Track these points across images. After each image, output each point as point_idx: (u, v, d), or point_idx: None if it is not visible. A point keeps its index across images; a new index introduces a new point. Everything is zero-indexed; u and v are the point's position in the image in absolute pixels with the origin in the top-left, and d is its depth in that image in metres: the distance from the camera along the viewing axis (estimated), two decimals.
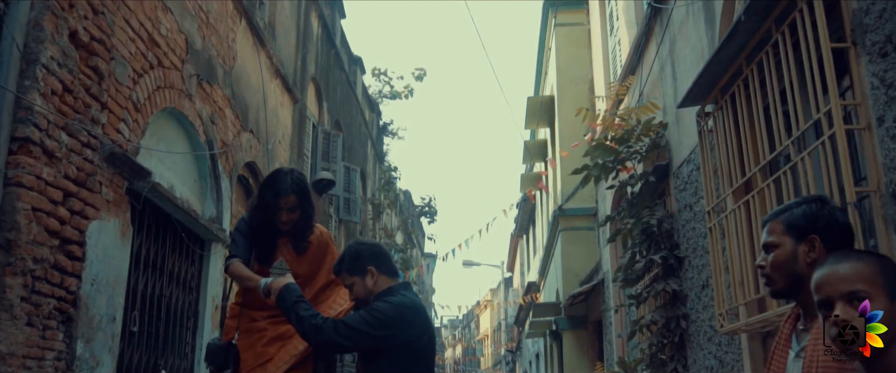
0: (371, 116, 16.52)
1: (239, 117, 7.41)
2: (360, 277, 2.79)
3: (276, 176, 3.18)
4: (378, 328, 2.60)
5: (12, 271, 3.70)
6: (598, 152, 6.24)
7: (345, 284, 2.88)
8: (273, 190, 3.09)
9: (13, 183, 3.79)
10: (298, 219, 3.12)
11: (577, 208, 11.42)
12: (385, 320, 2.61)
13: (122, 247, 4.91)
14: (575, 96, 11.81)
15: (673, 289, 5.59)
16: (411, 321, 2.67)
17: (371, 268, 2.79)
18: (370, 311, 2.65)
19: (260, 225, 3.15)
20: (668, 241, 5.82)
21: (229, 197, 7.03)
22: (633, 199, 6.21)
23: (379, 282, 2.79)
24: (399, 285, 2.82)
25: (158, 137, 5.71)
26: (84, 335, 4.36)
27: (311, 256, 3.22)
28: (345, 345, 2.64)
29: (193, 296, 6.41)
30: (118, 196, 4.87)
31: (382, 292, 2.76)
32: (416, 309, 2.71)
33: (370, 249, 2.89)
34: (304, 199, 3.12)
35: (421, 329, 2.69)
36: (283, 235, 3.17)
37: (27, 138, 3.88)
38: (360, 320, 2.62)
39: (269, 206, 3.09)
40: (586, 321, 11.52)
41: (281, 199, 3.06)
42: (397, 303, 2.67)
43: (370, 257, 2.82)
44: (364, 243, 2.98)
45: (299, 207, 3.10)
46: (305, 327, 2.63)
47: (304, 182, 3.18)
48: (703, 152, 4.74)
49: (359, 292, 2.80)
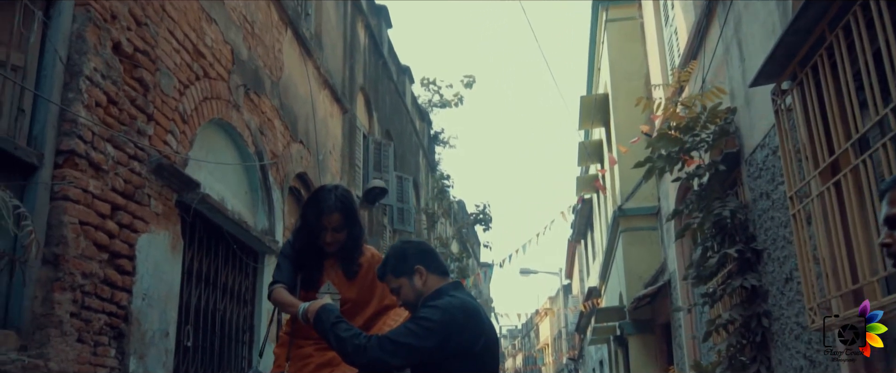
0: (422, 126, 16.39)
1: (288, 128, 7.32)
2: (408, 278, 2.55)
3: (319, 194, 2.95)
4: (427, 339, 2.33)
5: (61, 287, 3.61)
6: (661, 143, 5.89)
7: (391, 288, 2.63)
8: (316, 209, 2.86)
9: (59, 197, 3.71)
10: (345, 239, 2.88)
11: (638, 208, 10.98)
12: (434, 327, 2.33)
13: (173, 260, 4.81)
14: (630, 93, 11.39)
15: (752, 284, 5.18)
16: (463, 325, 2.38)
17: (419, 267, 2.55)
18: (416, 320, 2.38)
19: (304, 247, 2.91)
20: (743, 233, 5.42)
21: (281, 208, 6.93)
22: (701, 191, 5.83)
23: (428, 282, 2.55)
24: (448, 286, 2.57)
25: (207, 149, 5.63)
26: (137, 351, 4.25)
27: (362, 280, 2.96)
28: (393, 363, 2.35)
29: (248, 309, 6.30)
30: (167, 208, 4.77)
31: (431, 295, 2.51)
32: (467, 310, 2.43)
33: (416, 247, 2.66)
34: (350, 217, 2.88)
35: (475, 333, 2.41)
36: (330, 258, 2.93)
37: (72, 151, 3.80)
38: (407, 333, 2.36)
39: (313, 226, 2.86)
40: (653, 325, 11.05)
41: (324, 218, 2.82)
42: (446, 306, 2.40)
43: (417, 255, 2.59)
44: (409, 242, 2.75)
45: (345, 227, 2.86)
46: (347, 348, 2.38)
47: (349, 199, 2.93)
48: (781, 133, 4.36)
49: (408, 295, 2.56)
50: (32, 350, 3.41)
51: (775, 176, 4.83)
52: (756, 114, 5.17)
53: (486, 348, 2.41)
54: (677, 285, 8.73)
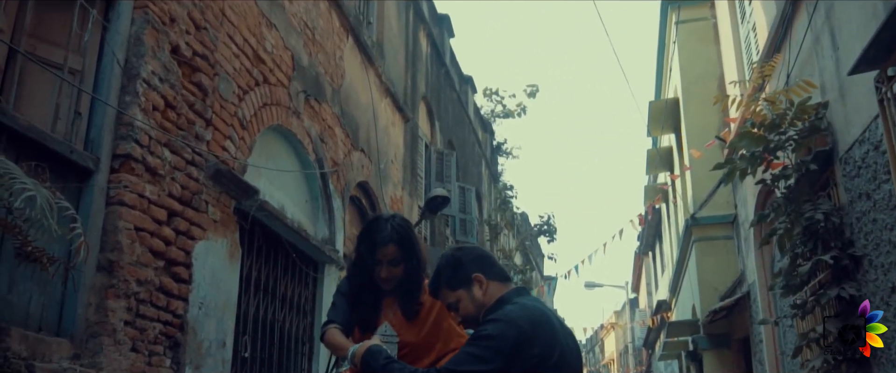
0: (484, 136, 16.16)
1: (349, 136, 7.19)
2: (466, 289, 2.26)
3: (373, 224, 2.64)
4: (492, 360, 2.00)
5: (115, 294, 3.50)
6: (743, 143, 5.47)
7: (448, 304, 2.33)
8: (369, 240, 2.56)
9: (115, 201, 3.62)
10: (402, 275, 2.58)
11: (712, 216, 10.42)
12: (498, 346, 2.02)
13: (231, 269, 4.69)
14: (702, 96, 10.87)
15: (850, 294, 4.71)
16: (532, 337, 2.05)
17: (477, 275, 2.25)
18: (476, 341, 2.06)
19: (359, 284, 2.62)
20: (839, 238, 4.95)
21: (342, 218, 6.78)
22: (788, 194, 5.38)
23: (490, 290, 2.25)
24: (511, 293, 2.26)
25: (266, 156, 5.52)
26: (193, 361, 4.12)
27: (423, 321, 2.63)
28: None
29: (307, 320, 6.15)
30: (225, 216, 4.66)
31: (493, 306, 2.21)
32: (535, 318, 2.10)
33: (471, 253, 2.35)
34: (407, 249, 2.55)
35: (548, 344, 2.08)
36: (389, 297, 2.63)
37: (128, 155, 3.71)
38: (468, 358, 2.04)
39: (367, 260, 2.56)
40: (730, 339, 10.43)
41: (378, 250, 2.52)
42: (509, 318, 2.07)
43: (474, 263, 2.29)
44: (462, 248, 2.44)
45: (401, 261, 2.54)
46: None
47: (407, 230, 2.61)
48: (887, 125, 3.93)
49: (468, 309, 2.27)
50: (85, 359, 3.30)
51: (878, 174, 4.38)
52: (853, 106, 4.72)
53: (562, 359, 2.08)
54: (758, 297, 8.19)
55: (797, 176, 5.31)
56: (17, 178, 2.46)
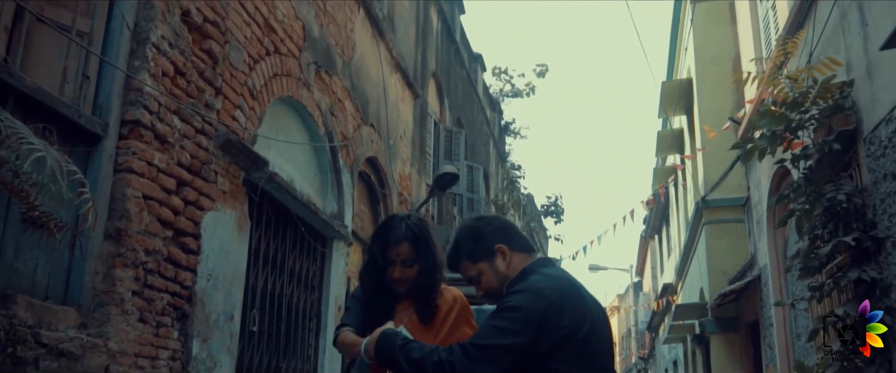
0: (492, 116, 16.01)
1: (359, 110, 7.08)
2: (488, 261, 2.12)
3: (387, 223, 2.51)
4: (520, 333, 1.86)
5: (123, 263, 3.42)
6: (764, 121, 5.34)
7: (468, 277, 2.19)
8: (382, 239, 2.43)
9: (123, 168, 3.52)
10: (417, 276, 2.43)
11: (723, 199, 10.30)
12: (526, 318, 1.87)
13: (240, 241, 4.60)
14: (716, 77, 10.73)
15: (872, 277, 4.61)
16: (561, 307, 1.90)
17: (500, 246, 2.12)
18: (502, 314, 1.92)
19: (373, 287, 2.48)
20: (861, 220, 4.84)
21: (351, 193, 6.69)
22: (809, 174, 5.26)
23: (513, 262, 2.11)
24: (536, 263, 2.11)
25: (276, 128, 5.42)
26: (200, 334, 4.05)
27: (440, 325, 2.48)
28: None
29: (315, 296, 6.08)
30: (234, 187, 4.56)
31: (517, 277, 2.07)
32: (563, 289, 1.97)
33: (493, 223, 2.20)
34: (422, 249, 2.41)
35: (578, 314, 1.94)
36: (404, 300, 2.49)
37: (137, 121, 3.61)
38: (494, 331, 1.90)
39: (380, 259, 2.43)
40: (738, 323, 10.36)
41: (392, 249, 2.39)
42: (536, 288, 1.93)
43: (496, 233, 2.14)
44: (482, 218, 2.28)
45: (415, 261, 2.41)
46: (428, 369, 1.92)
47: (422, 229, 2.47)
48: None
49: (491, 283, 2.13)
50: (92, 328, 3.23)
51: None
52: (880, 85, 4.59)
53: (592, 331, 1.95)
54: (769, 280, 8.09)
55: (819, 156, 5.20)
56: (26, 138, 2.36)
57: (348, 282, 6.57)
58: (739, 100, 10.22)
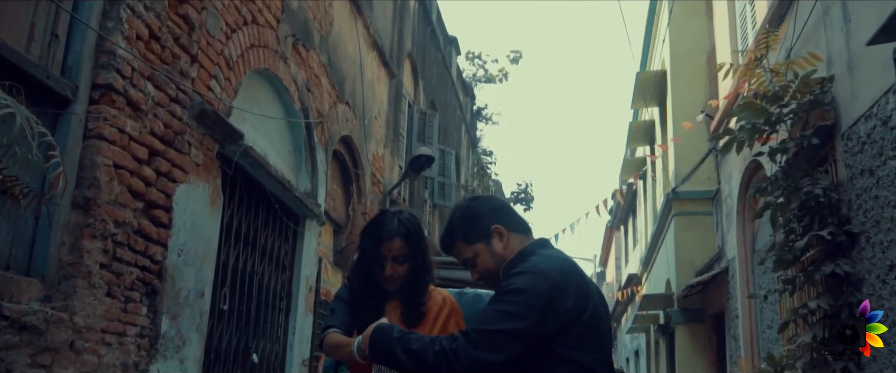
0: (465, 100, 15.92)
1: (335, 87, 6.93)
2: (485, 243, 2.03)
3: (379, 218, 2.40)
4: (526, 316, 1.78)
5: (91, 234, 3.25)
6: (744, 114, 5.35)
7: (463, 259, 2.10)
8: (374, 234, 2.33)
9: (93, 135, 3.35)
10: (408, 274, 2.35)
11: (693, 191, 10.40)
12: (530, 301, 1.79)
13: (212, 216, 4.45)
14: (690, 70, 10.81)
15: (845, 271, 4.66)
16: (565, 288, 1.83)
17: (497, 227, 2.04)
18: (505, 297, 1.84)
19: (361, 285, 2.39)
20: (835, 215, 4.88)
21: (325, 172, 6.55)
22: (786, 167, 5.29)
23: (510, 243, 2.03)
24: (534, 244, 2.04)
25: (251, 101, 5.25)
26: (170, 311, 3.90)
27: (430, 326, 2.38)
28: (494, 361, 1.78)
29: (286, 275, 5.95)
30: (208, 159, 4.40)
31: (514, 260, 1.98)
32: (565, 270, 1.90)
33: (489, 203, 2.11)
34: (414, 246, 2.33)
35: (581, 296, 1.87)
36: (393, 300, 2.40)
37: (109, 86, 3.43)
38: (498, 316, 1.81)
39: (371, 255, 2.33)
40: (703, 314, 10.49)
41: (383, 245, 2.29)
42: (539, 269, 1.85)
43: (492, 214, 2.06)
44: (477, 198, 2.17)
45: (408, 258, 2.32)
46: (428, 360, 1.81)
47: (415, 225, 2.38)
48: None
49: (487, 265, 2.04)
50: (57, 301, 3.06)
51: (884, 149, 4.29)
52: (861, 81, 4.62)
53: (595, 314, 1.89)
54: (736, 273, 8.19)
55: (796, 150, 5.22)
56: None
57: (320, 262, 6.44)
58: (712, 93, 10.30)
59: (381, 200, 8.52)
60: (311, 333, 6.22)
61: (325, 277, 6.50)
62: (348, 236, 7.71)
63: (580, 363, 1.85)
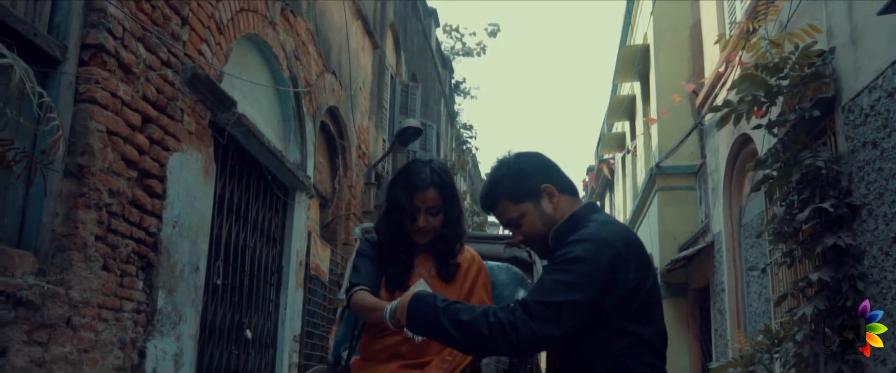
0: (444, 74, 15.71)
1: (322, 56, 6.71)
2: (533, 202, 1.88)
3: (410, 167, 2.29)
4: (587, 286, 1.66)
5: (85, 204, 3.06)
6: (744, 86, 5.29)
7: (506, 219, 1.94)
8: (406, 184, 2.22)
9: (85, 98, 3.14)
10: (441, 226, 2.25)
11: (677, 166, 10.42)
12: (591, 270, 1.67)
13: (206, 186, 4.26)
14: (674, 44, 10.78)
15: (847, 243, 4.65)
16: (627, 258, 1.71)
17: (547, 186, 1.88)
18: (564, 265, 1.70)
19: (390, 238, 2.29)
20: (835, 187, 4.87)
21: (313, 143, 6.36)
22: (785, 140, 5.25)
23: (561, 205, 1.88)
24: (586, 209, 1.90)
25: (240, 68, 5.03)
26: (166, 285, 3.73)
27: (462, 282, 2.30)
28: (554, 334, 1.65)
29: (277, 250, 5.78)
30: (200, 128, 4.21)
31: (567, 224, 1.84)
32: (626, 238, 1.78)
33: (537, 160, 1.95)
34: (449, 196, 2.24)
35: (643, 266, 1.76)
36: (422, 254, 2.30)
37: (100, 46, 3.21)
38: (557, 286, 1.67)
39: (404, 207, 2.22)
40: (687, 289, 10.58)
41: (417, 195, 2.20)
42: (599, 237, 1.72)
43: (542, 171, 1.91)
44: (524, 155, 1.99)
45: (442, 209, 2.23)
46: (482, 333, 1.67)
47: (448, 175, 2.29)
48: None
49: (534, 226, 1.89)
50: (51, 275, 2.88)
51: (889, 121, 4.26)
52: (865, 53, 4.57)
53: (655, 284, 1.79)
54: (722, 247, 8.23)
55: (795, 123, 5.19)
56: None
57: (309, 236, 6.28)
58: (697, 67, 10.28)
59: (367, 174, 8.35)
60: (303, 308, 6.08)
61: (314, 252, 6.34)
62: (334, 210, 7.55)
63: (639, 336, 1.75)
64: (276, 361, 5.67)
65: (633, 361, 1.74)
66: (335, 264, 7.12)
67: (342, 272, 7.37)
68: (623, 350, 1.74)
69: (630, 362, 1.74)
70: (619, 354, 1.74)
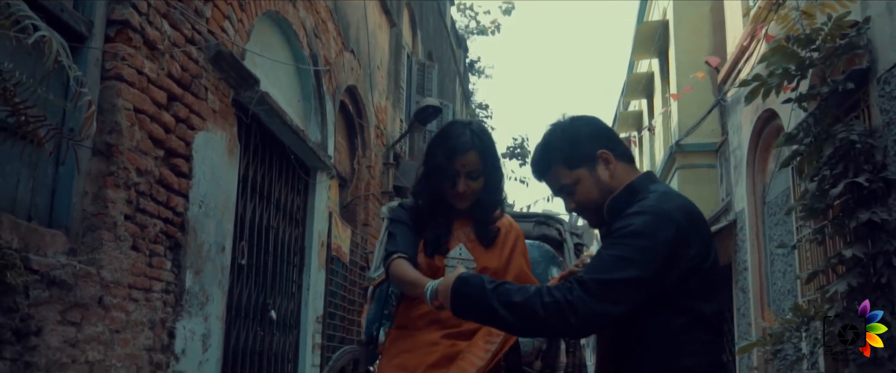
0: (458, 53, 15.58)
1: (341, 34, 6.63)
2: (588, 168, 1.76)
3: (450, 129, 2.21)
4: (646, 263, 1.56)
5: (114, 183, 3.02)
6: (775, 58, 5.16)
7: (559, 186, 1.82)
8: (446, 147, 2.14)
9: (112, 75, 3.09)
10: (481, 190, 2.17)
11: (697, 144, 10.27)
12: (652, 245, 1.57)
13: (230, 166, 4.21)
14: (695, 19, 10.58)
15: (882, 218, 4.54)
16: (689, 233, 1.61)
17: (604, 152, 1.76)
18: (623, 240, 1.61)
19: (428, 202, 2.22)
20: (869, 161, 4.75)
21: (333, 122, 6.30)
22: (817, 114, 5.13)
23: (617, 173, 1.76)
24: (643, 179, 1.78)
25: (261, 45, 4.96)
26: (193, 265, 3.69)
27: (501, 248, 2.23)
28: (614, 313, 1.56)
29: (299, 230, 5.74)
30: (224, 106, 4.15)
31: (625, 194, 1.73)
32: (689, 212, 1.67)
33: (593, 125, 1.84)
34: (490, 160, 2.17)
35: (705, 242, 1.66)
36: (461, 218, 2.22)
37: (126, 22, 3.15)
38: (616, 262, 1.58)
39: (444, 170, 2.13)
40: None
41: (458, 158, 2.11)
42: (661, 210, 1.62)
43: (598, 136, 1.79)
44: (580, 118, 1.88)
45: (482, 173, 2.15)
46: (539, 313, 1.57)
47: (488, 137, 2.21)
48: None
49: (589, 194, 1.76)
50: (82, 255, 2.85)
51: None
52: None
53: (716, 260, 1.70)
54: (746, 225, 8.12)
55: (826, 96, 5.06)
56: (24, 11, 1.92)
57: (330, 217, 6.24)
58: (718, 42, 10.11)
59: (385, 154, 8.29)
60: (325, 289, 6.05)
61: (335, 233, 6.30)
62: (353, 191, 7.50)
63: (699, 313, 1.67)
64: (299, 342, 5.65)
65: (690, 339, 1.66)
66: (355, 245, 7.08)
67: (362, 253, 7.35)
68: (681, 328, 1.66)
69: (688, 340, 1.66)
70: (677, 332, 1.66)
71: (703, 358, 1.67)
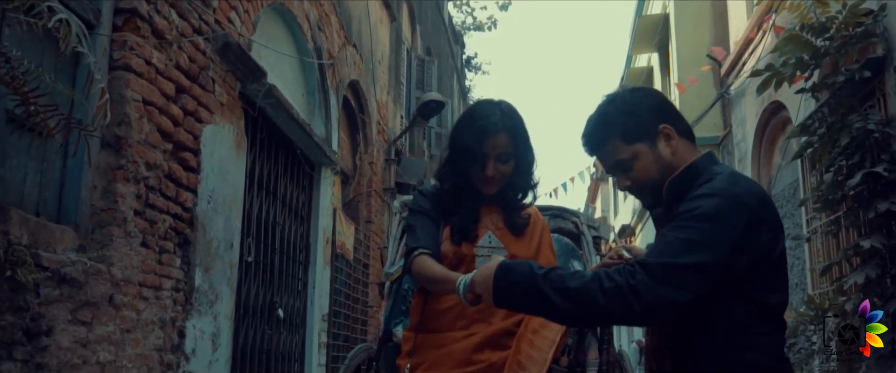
0: (456, 49, 15.46)
1: (344, 28, 6.52)
2: (649, 144, 1.61)
3: (478, 110, 2.07)
4: (715, 248, 1.45)
5: (124, 177, 2.91)
6: (788, 48, 5.08)
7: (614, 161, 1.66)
8: (474, 128, 1.99)
9: (120, 66, 2.97)
10: (512, 173, 2.04)
11: (699, 138, 9.99)
12: (722, 230, 1.46)
13: (238, 160, 4.10)
14: (696, 12, 10.52)
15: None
16: (760, 218, 1.49)
17: (665, 127, 1.61)
18: (690, 222, 1.48)
19: (455, 186, 2.07)
20: (887, 151, 4.68)
21: (337, 117, 6.19)
22: (831, 103, 5.06)
23: (679, 151, 1.61)
24: (705, 159, 1.64)
25: (266, 38, 4.85)
26: (202, 263, 3.58)
27: (530, 240, 2.10)
28: (679, 300, 1.45)
29: (304, 227, 5.64)
30: (231, 99, 4.04)
31: (687, 173, 1.59)
32: (760, 196, 1.54)
33: (653, 97, 1.68)
34: (521, 141, 2.03)
35: (775, 227, 1.55)
36: (488, 204, 2.09)
37: (134, 10, 3.04)
38: (682, 246, 1.46)
39: (471, 153, 1.99)
40: None
41: (488, 140, 1.97)
42: (731, 193, 1.49)
43: (659, 110, 1.64)
44: (639, 89, 1.72)
45: (513, 155, 2.01)
46: (598, 299, 1.46)
47: (519, 116, 2.05)
48: None
49: (647, 171, 1.62)
50: (92, 251, 2.73)
51: None
52: None
53: (784, 250, 1.59)
54: None
55: (840, 85, 4.99)
56: None
57: (334, 214, 6.13)
58: (719, 35, 10.05)
59: (387, 150, 8.18)
60: (330, 287, 5.94)
61: (339, 229, 6.19)
62: (355, 187, 7.40)
63: (764, 304, 1.56)
64: (306, 341, 5.55)
65: (755, 331, 1.57)
66: (358, 242, 6.97)
67: (365, 250, 7.24)
68: (744, 318, 1.56)
69: (754, 332, 1.56)
70: (739, 322, 1.57)
71: (767, 352, 1.57)
